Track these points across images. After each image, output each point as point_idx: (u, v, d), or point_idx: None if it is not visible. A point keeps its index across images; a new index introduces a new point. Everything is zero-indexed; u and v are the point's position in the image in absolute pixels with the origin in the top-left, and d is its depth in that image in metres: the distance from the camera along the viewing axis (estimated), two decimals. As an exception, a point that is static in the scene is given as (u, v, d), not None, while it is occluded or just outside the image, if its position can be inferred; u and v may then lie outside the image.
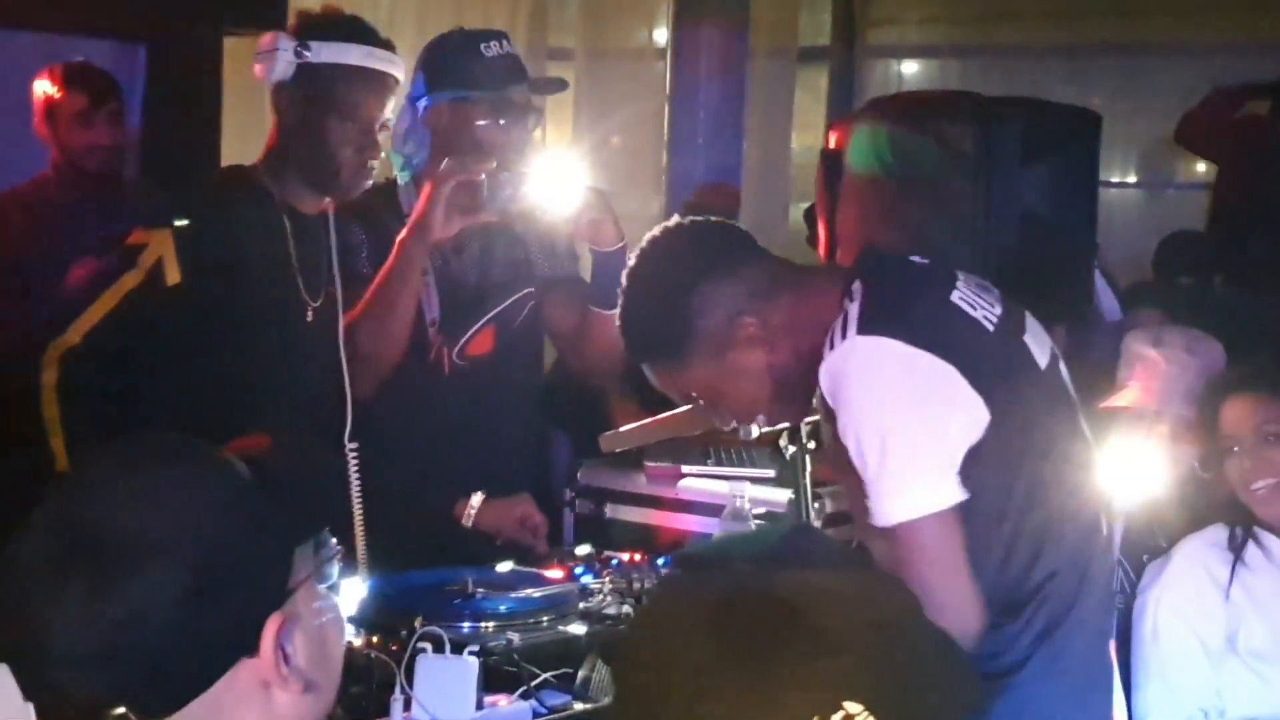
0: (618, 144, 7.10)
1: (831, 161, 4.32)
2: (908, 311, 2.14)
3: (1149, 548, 3.09)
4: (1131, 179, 7.26)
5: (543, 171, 3.08)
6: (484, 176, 3.02)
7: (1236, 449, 2.91)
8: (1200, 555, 2.95)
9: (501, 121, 3.11)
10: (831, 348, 2.10)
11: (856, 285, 2.17)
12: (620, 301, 2.37)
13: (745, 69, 6.49)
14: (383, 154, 2.97)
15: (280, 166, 2.91)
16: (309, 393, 2.89)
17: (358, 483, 2.77)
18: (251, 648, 1.30)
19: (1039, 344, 2.32)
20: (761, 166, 6.85)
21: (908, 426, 2.06)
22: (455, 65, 3.13)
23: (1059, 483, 2.20)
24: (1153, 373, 3.14)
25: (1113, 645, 2.38)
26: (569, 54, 7.11)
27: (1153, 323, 3.72)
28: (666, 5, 6.59)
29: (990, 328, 2.22)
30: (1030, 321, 2.36)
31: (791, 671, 1.14)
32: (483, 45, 3.18)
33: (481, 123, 3.09)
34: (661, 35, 6.75)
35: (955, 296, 2.24)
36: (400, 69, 2.96)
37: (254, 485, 1.34)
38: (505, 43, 3.21)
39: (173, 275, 2.75)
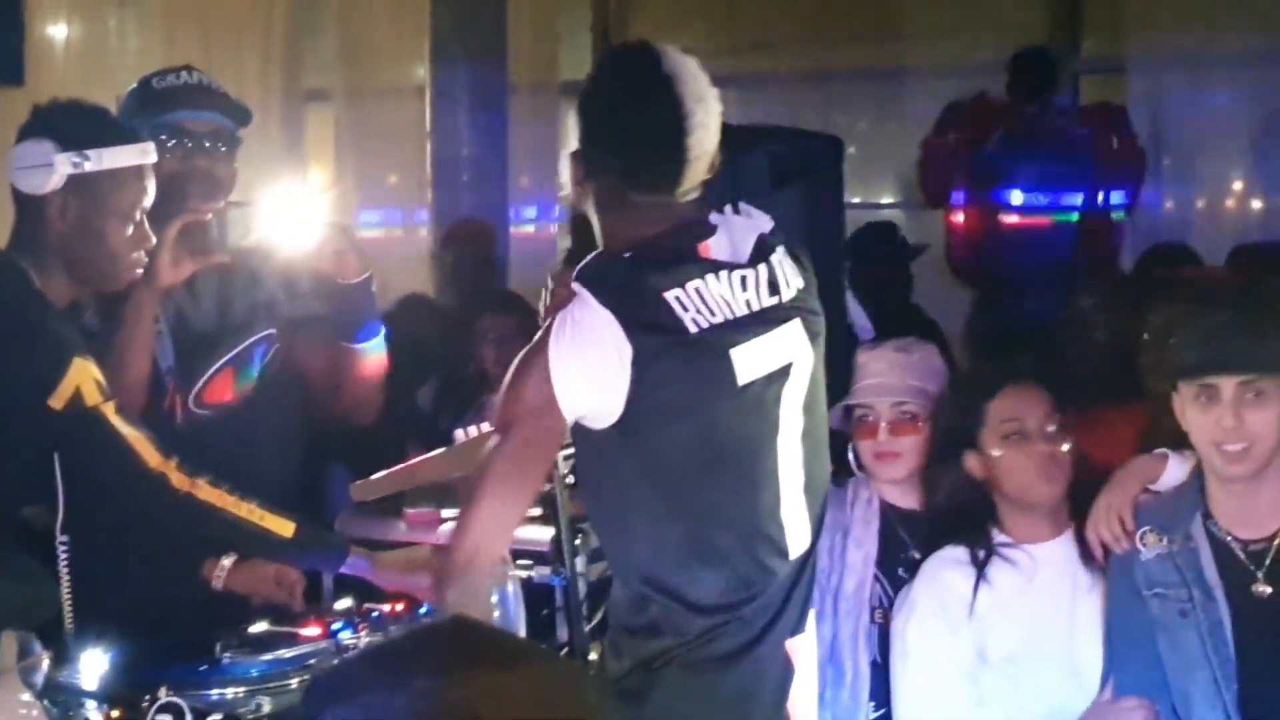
0: (386, 182, 7.03)
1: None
2: (609, 279, 2.33)
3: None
4: (887, 200, 7.43)
5: (278, 207, 3.01)
6: (211, 216, 2.94)
7: (1017, 435, 2.95)
8: (941, 574, 3.00)
9: (180, 148, 3.02)
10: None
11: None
12: None
13: (506, 104, 6.47)
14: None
15: (46, 263, 2.73)
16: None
17: (68, 578, 2.64)
18: None
19: (763, 359, 2.41)
20: (528, 200, 6.84)
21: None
22: (127, 108, 3.05)
23: (721, 498, 2.39)
24: (862, 373, 3.24)
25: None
26: (328, 94, 7.02)
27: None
28: (424, 43, 6.54)
29: (693, 329, 2.34)
30: (782, 332, 2.45)
31: None
32: (155, 79, 3.11)
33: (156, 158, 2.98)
34: (421, 73, 6.70)
35: (670, 294, 2.33)
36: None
37: None
38: (185, 74, 3.12)
39: None
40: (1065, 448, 2.98)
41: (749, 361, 2.40)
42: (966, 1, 6.99)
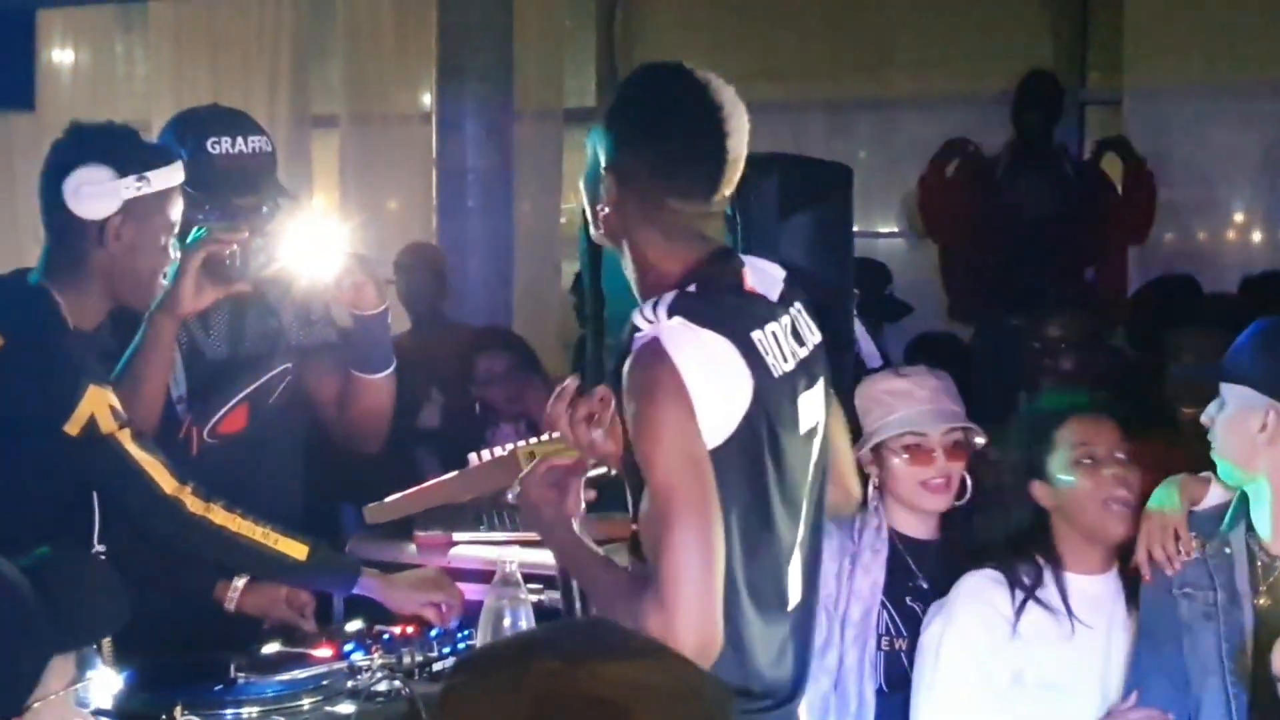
0: (389, 209, 7.05)
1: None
2: (708, 311, 2.23)
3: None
4: (887, 229, 7.45)
5: (298, 238, 3.03)
6: (235, 246, 2.96)
7: (1089, 461, 2.93)
8: (985, 590, 2.98)
9: (220, 221, 3.05)
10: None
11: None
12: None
13: (512, 131, 6.50)
14: None
15: (86, 286, 2.76)
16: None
17: None
18: None
19: (809, 414, 2.36)
20: (533, 227, 6.86)
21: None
22: (184, 155, 3.05)
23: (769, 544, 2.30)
24: (907, 400, 3.20)
25: None
26: (333, 120, 7.04)
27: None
28: (430, 70, 6.57)
29: (775, 374, 2.28)
30: (815, 391, 2.40)
31: None
32: (210, 142, 3.10)
33: (201, 216, 3.02)
34: (427, 99, 6.72)
35: (754, 335, 2.28)
36: None
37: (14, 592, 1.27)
38: (241, 139, 3.12)
39: None
40: (1134, 476, 2.96)
41: (805, 412, 2.35)
42: (971, 32, 7.01)
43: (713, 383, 2.20)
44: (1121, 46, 6.61)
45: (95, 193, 2.71)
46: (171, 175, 2.79)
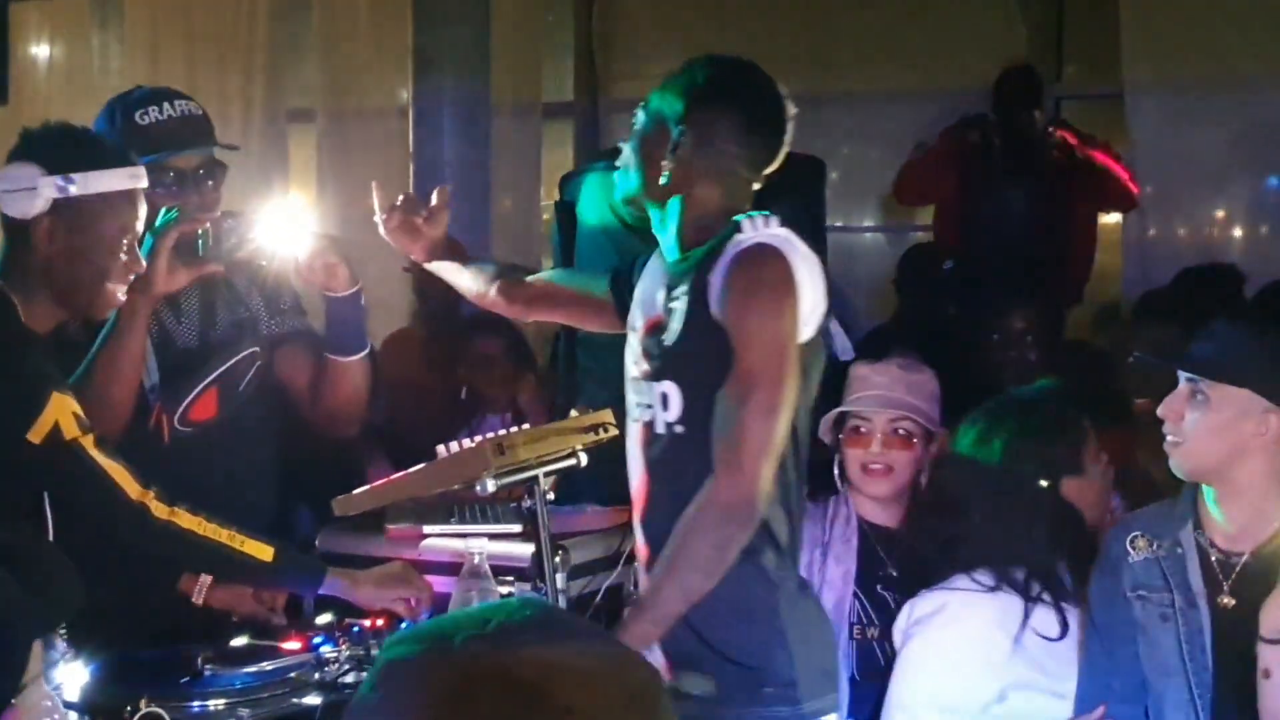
0: (367, 204, 7.01)
1: (562, 213, 4.39)
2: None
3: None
4: (869, 223, 7.44)
5: (270, 218, 3.02)
6: (207, 226, 2.96)
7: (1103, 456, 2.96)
8: (987, 605, 2.93)
9: (163, 190, 3.02)
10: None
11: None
12: None
13: (489, 125, 6.48)
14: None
15: (32, 288, 2.71)
16: None
17: None
18: None
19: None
20: (510, 221, 6.84)
21: None
22: (113, 136, 3.02)
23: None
24: (863, 385, 3.25)
25: None
26: (310, 115, 7.02)
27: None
28: (407, 63, 6.55)
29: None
30: None
31: None
32: (138, 114, 3.09)
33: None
34: (404, 93, 6.70)
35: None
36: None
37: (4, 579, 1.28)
38: (168, 104, 3.11)
39: None
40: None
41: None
42: (950, 28, 7.01)
43: (812, 288, 2.56)
44: (1098, 42, 6.62)
45: (18, 192, 2.67)
46: (113, 180, 2.71)
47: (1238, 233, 6.52)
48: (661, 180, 2.69)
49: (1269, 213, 6.47)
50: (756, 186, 2.73)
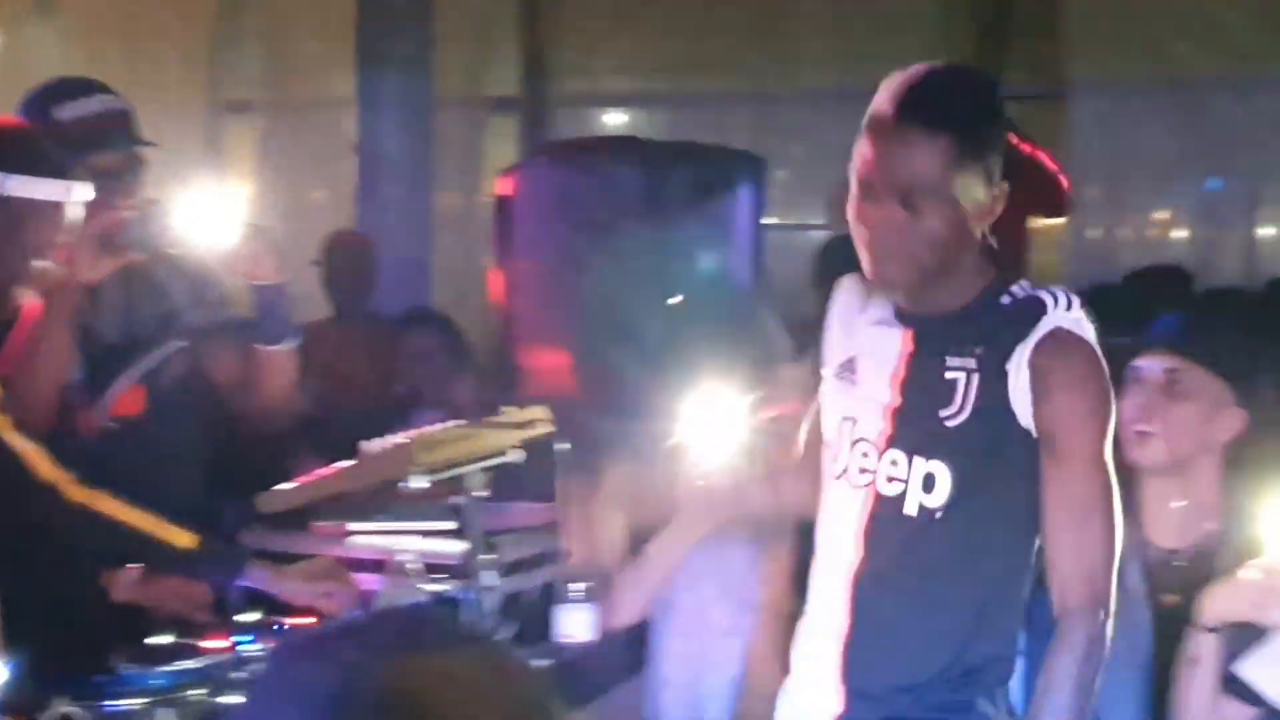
0: (308, 196, 6.98)
1: (501, 208, 4.36)
2: None
3: None
4: (818, 221, 7.44)
5: (194, 207, 2.98)
6: (131, 215, 2.91)
7: None
8: None
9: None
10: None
11: None
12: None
13: (432, 118, 6.45)
14: None
15: None
16: None
17: None
18: None
19: None
20: (454, 215, 6.81)
21: None
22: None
23: None
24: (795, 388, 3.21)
25: None
26: (250, 106, 6.97)
27: None
28: (349, 55, 6.50)
29: None
30: None
31: None
32: (54, 109, 3.04)
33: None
34: (347, 86, 6.65)
35: None
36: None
37: None
38: (86, 100, 3.06)
39: None
40: None
41: None
42: (895, 26, 7.02)
43: None
44: (1043, 42, 6.64)
45: None
46: (45, 188, 2.67)
47: (1179, 233, 6.57)
48: (965, 227, 2.36)
49: (1210, 213, 6.51)
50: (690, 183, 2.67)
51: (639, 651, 3.13)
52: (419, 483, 2.68)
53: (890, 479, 2.34)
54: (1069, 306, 2.28)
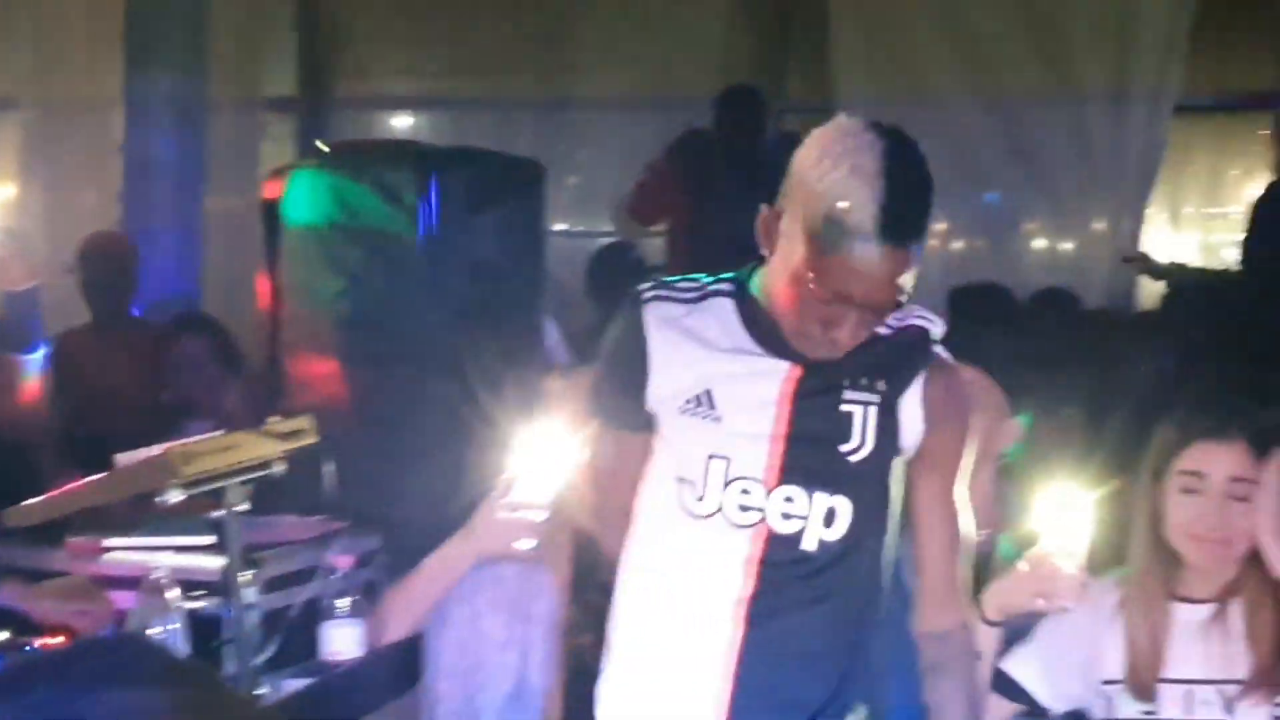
0: (75, 198, 6.74)
1: (270, 212, 4.24)
2: None
3: None
4: (607, 228, 7.45)
5: None
6: None
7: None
8: None
9: None
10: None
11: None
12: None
13: (205, 119, 6.28)
14: None
15: None
16: None
17: None
18: None
19: None
20: (227, 221, 6.63)
21: None
22: None
23: None
24: (567, 404, 3.16)
25: None
26: (14, 105, 6.71)
27: None
28: (118, 55, 6.29)
29: None
30: None
31: None
32: None
33: None
34: (115, 85, 6.44)
35: None
36: None
37: None
38: None
39: None
40: None
41: None
42: (679, 36, 7.06)
43: None
44: (821, 55, 6.74)
45: None
46: None
47: (939, 244, 6.74)
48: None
49: (971, 227, 6.71)
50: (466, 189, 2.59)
51: (412, 666, 3.07)
52: (175, 496, 2.57)
53: (786, 515, 2.30)
54: (938, 328, 2.35)
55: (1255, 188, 6.11)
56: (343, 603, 2.84)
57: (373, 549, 3.06)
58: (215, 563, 2.90)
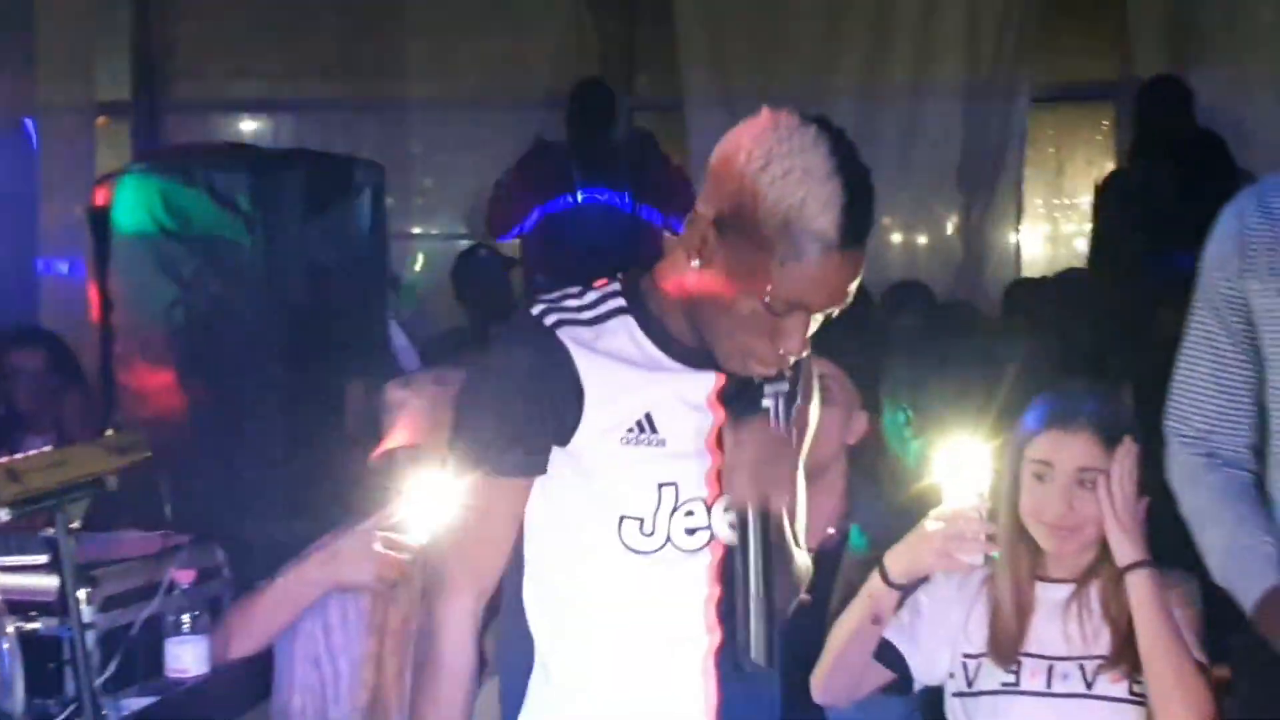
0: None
1: (98, 219, 4.13)
2: None
3: None
4: (464, 231, 7.40)
5: None
6: None
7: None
8: None
9: None
10: None
11: None
12: None
13: (35, 126, 6.11)
14: None
15: None
16: None
17: None
18: None
19: None
20: (61, 228, 6.47)
21: None
22: None
23: None
24: (410, 411, 3.10)
25: None
26: None
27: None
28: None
29: None
30: None
31: None
32: None
33: None
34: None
35: None
36: None
37: None
38: None
39: None
40: None
41: None
42: (526, 35, 7.03)
43: None
44: (668, 51, 6.75)
45: None
46: None
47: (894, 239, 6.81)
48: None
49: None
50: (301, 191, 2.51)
51: (259, 681, 3.01)
52: (2, 515, 2.47)
53: (732, 525, 2.14)
54: None
55: (1100, 178, 6.22)
56: (186, 619, 2.76)
57: (215, 563, 2.99)
58: (51, 582, 2.80)
